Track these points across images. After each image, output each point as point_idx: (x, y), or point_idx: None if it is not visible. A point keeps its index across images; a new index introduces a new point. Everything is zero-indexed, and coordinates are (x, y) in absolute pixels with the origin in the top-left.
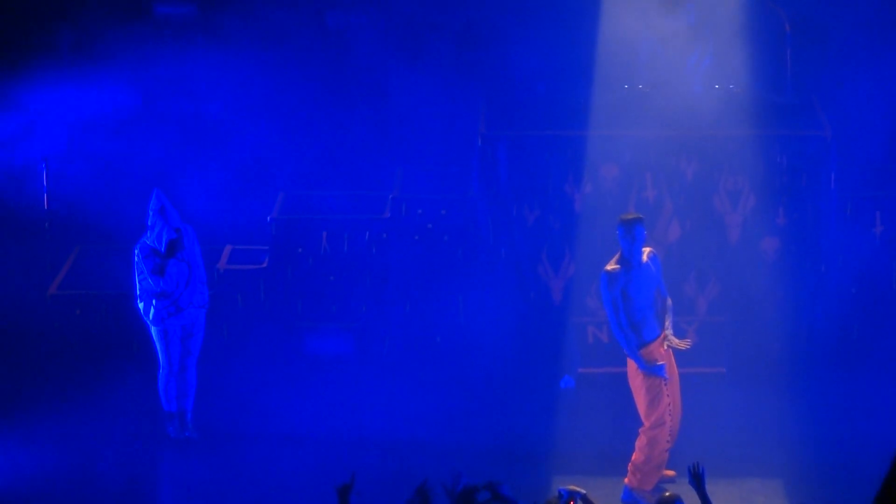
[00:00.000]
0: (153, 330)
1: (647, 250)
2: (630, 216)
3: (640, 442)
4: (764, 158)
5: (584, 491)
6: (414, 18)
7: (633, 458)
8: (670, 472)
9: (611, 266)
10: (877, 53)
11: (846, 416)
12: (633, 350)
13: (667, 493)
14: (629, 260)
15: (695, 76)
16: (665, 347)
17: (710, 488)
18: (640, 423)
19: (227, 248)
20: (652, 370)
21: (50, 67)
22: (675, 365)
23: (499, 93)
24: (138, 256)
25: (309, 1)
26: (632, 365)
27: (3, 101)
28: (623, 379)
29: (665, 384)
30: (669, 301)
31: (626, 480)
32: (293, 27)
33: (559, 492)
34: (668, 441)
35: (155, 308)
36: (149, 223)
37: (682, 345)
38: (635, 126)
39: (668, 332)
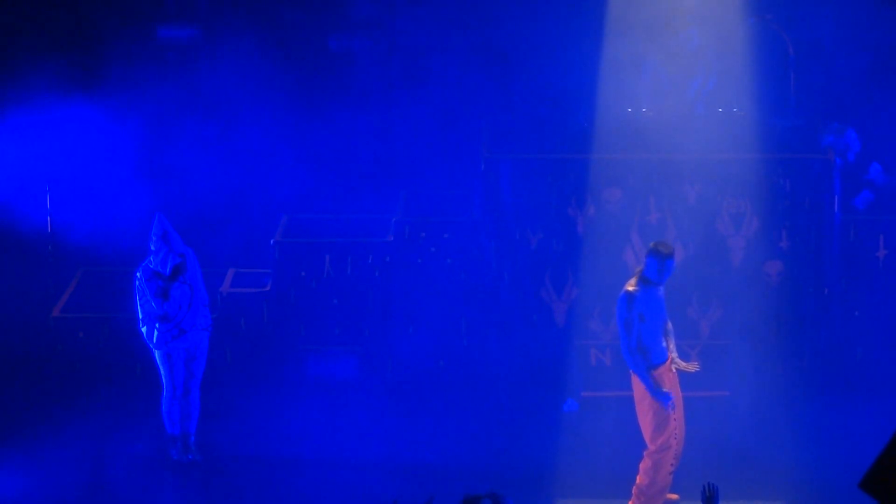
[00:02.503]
0: (156, 353)
1: None
2: (665, 249)
3: (645, 465)
4: (767, 181)
5: None
6: (417, 42)
7: (638, 481)
8: (674, 496)
9: (632, 287)
10: (880, 76)
11: (849, 440)
12: (644, 372)
13: None
14: (651, 280)
15: (698, 99)
16: (673, 371)
17: None
18: (644, 446)
19: (230, 272)
20: (660, 396)
21: (53, 90)
22: (679, 389)
23: (501, 116)
24: (140, 280)
25: (312, 24)
26: (638, 388)
27: (7, 125)
28: (626, 402)
29: (672, 408)
30: (670, 325)
31: None
32: (296, 50)
33: None
34: (672, 465)
35: (158, 331)
36: (152, 248)
37: (690, 367)
38: (638, 149)
39: (674, 355)
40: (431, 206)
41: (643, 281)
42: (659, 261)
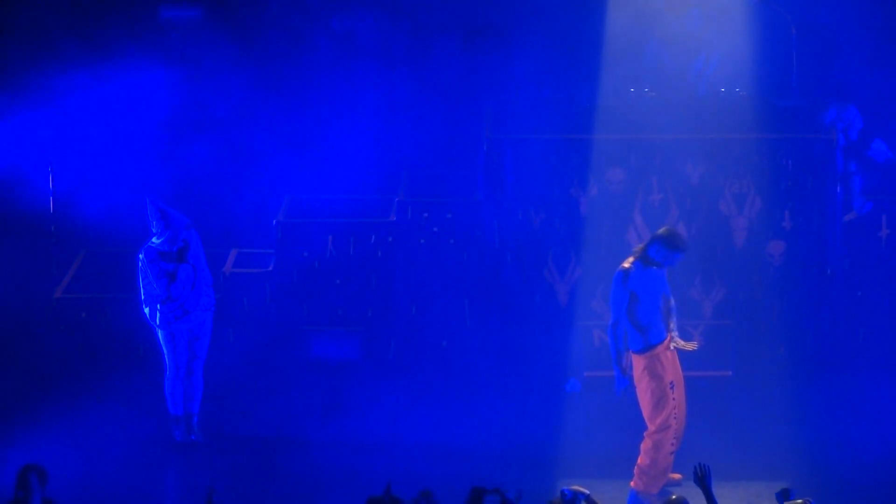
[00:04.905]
0: (160, 333)
1: None
2: (683, 246)
3: (646, 445)
4: (769, 162)
5: (587, 491)
6: (420, 22)
7: (639, 461)
8: (677, 476)
9: (627, 263)
10: (882, 56)
11: (852, 419)
12: (619, 352)
13: (673, 497)
14: (653, 261)
15: (700, 80)
16: (672, 349)
17: (717, 491)
18: (646, 427)
19: (233, 252)
20: (618, 378)
21: (56, 71)
22: (680, 368)
23: (504, 96)
24: (143, 261)
25: (315, 4)
26: (637, 368)
27: (10, 105)
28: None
29: (671, 388)
30: (672, 302)
31: (632, 484)
32: (299, 30)
33: (562, 492)
34: (673, 444)
35: (161, 312)
36: (154, 231)
37: (690, 346)
38: (641, 130)
39: (674, 334)
40: (434, 187)
41: (643, 259)
42: (670, 251)
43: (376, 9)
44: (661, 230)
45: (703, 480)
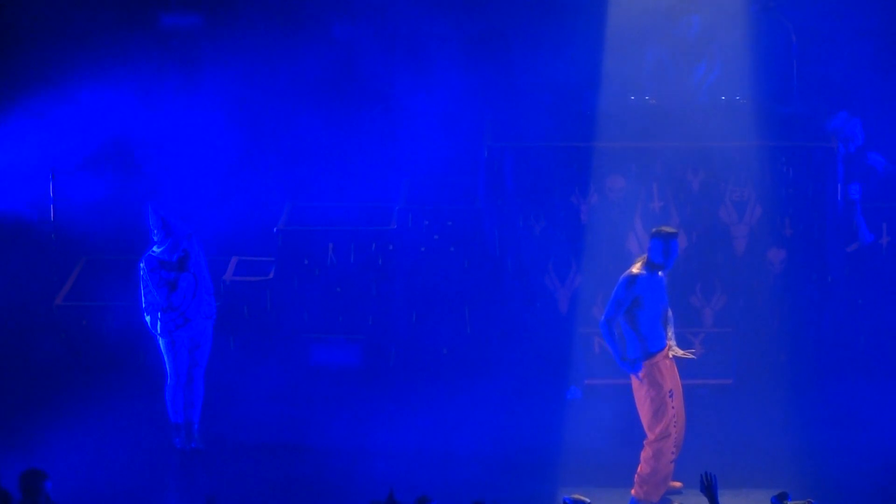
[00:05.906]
0: (161, 341)
1: None
2: (668, 230)
3: (646, 454)
4: (770, 169)
5: (588, 500)
6: (420, 30)
7: (639, 469)
8: (677, 484)
9: (636, 269)
10: (882, 64)
11: (853, 427)
12: (614, 343)
13: None
14: (656, 265)
15: (701, 87)
16: (670, 357)
17: (718, 499)
18: (646, 435)
19: (234, 260)
20: (626, 364)
21: (56, 78)
22: (678, 377)
23: (505, 104)
24: (144, 270)
25: (315, 12)
26: (635, 377)
27: (10, 113)
28: (629, 389)
29: (670, 396)
30: (670, 312)
31: (632, 492)
32: (299, 38)
33: (564, 500)
34: (673, 452)
35: (162, 320)
36: (155, 239)
37: (688, 355)
38: (641, 137)
39: (672, 342)
40: (434, 194)
41: (649, 265)
42: (664, 242)
43: (377, 16)
44: (652, 231)
45: (709, 489)
